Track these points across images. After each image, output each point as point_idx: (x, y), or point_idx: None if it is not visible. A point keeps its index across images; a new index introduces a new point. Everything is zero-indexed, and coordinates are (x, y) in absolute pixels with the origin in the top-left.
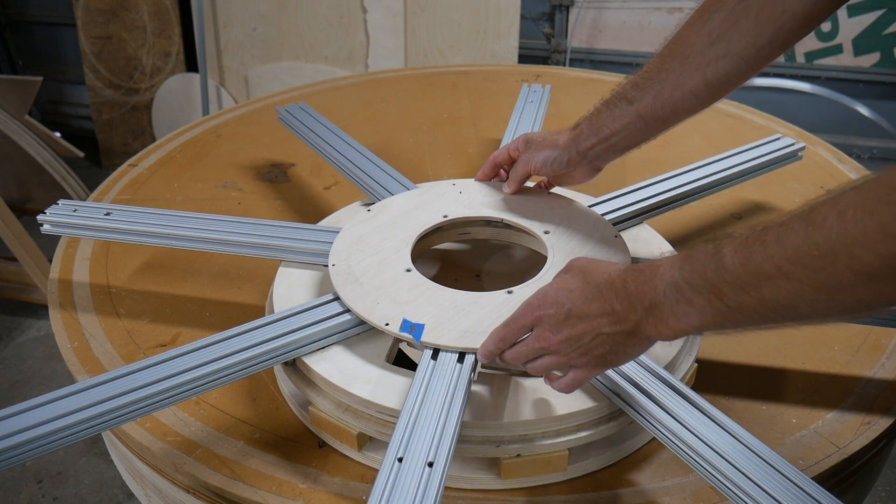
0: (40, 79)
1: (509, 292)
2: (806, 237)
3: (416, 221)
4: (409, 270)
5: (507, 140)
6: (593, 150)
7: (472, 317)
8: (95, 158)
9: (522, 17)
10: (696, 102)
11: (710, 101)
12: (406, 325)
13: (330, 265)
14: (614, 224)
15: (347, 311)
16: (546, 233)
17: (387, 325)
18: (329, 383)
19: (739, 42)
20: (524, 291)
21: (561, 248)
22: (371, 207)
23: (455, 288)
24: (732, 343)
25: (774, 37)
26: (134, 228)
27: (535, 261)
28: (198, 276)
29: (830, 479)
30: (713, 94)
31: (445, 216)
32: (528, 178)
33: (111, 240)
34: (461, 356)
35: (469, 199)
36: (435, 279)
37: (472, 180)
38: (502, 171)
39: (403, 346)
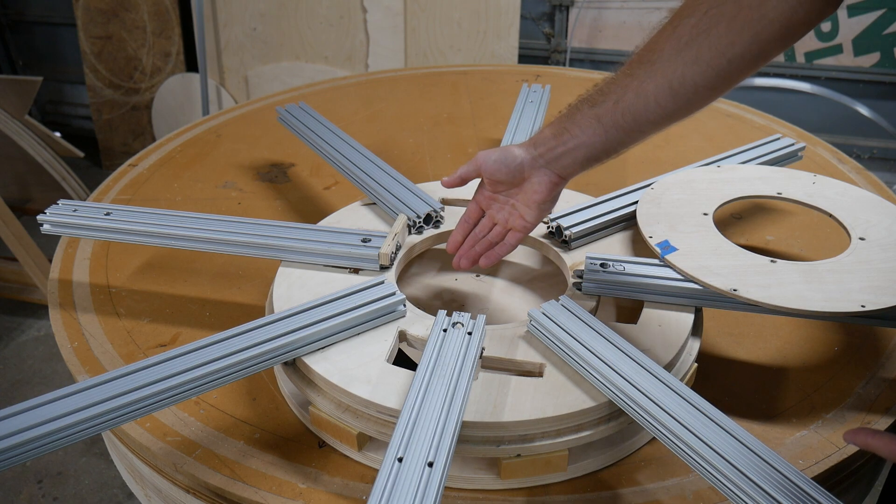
0: (40, 79)
1: (773, 261)
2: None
3: (731, 189)
4: (705, 215)
5: (506, 140)
6: (552, 152)
7: (722, 262)
8: (95, 158)
9: (522, 17)
10: (662, 114)
11: (678, 115)
12: (664, 242)
13: (652, 185)
14: (616, 223)
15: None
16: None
17: (650, 237)
18: (329, 383)
19: (710, 50)
20: (785, 262)
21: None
22: (718, 166)
23: (453, 288)
24: (732, 343)
25: (748, 48)
26: (134, 228)
27: (534, 261)
28: (198, 276)
29: (830, 479)
30: (680, 105)
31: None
32: (475, 176)
33: (111, 240)
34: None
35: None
36: (435, 278)
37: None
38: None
39: (403, 347)
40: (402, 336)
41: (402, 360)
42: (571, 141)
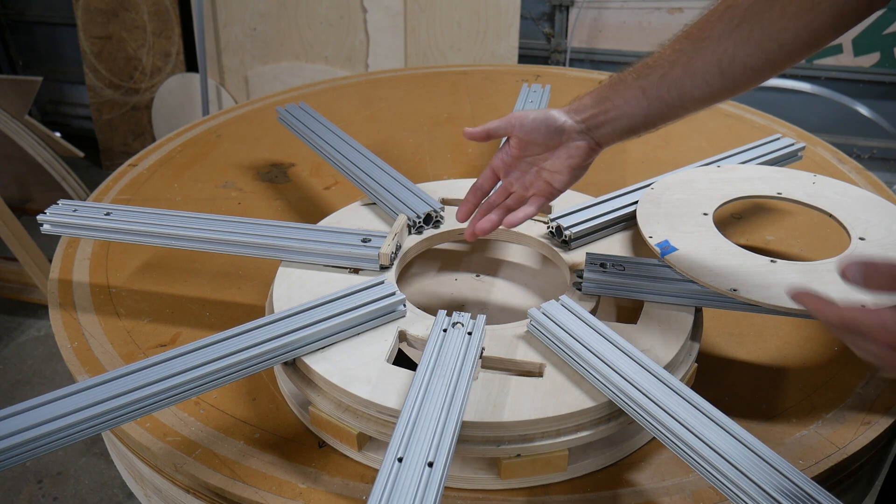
0: (40, 79)
1: (773, 261)
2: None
3: (731, 189)
4: (705, 215)
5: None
6: (593, 119)
7: (722, 262)
8: (95, 158)
9: (522, 17)
10: (708, 91)
11: (724, 95)
12: (664, 242)
13: (652, 184)
14: (616, 223)
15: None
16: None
17: (650, 237)
18: (329, 383)
19: (762, 33)
20: (785, 262)
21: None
22: (718, 166)
23: (453, 288)
24: (732, 343)
25: (798, 34)
26: (134, 228)
27: (534, 261)
28: (198, 276)
29: (830, 479)
30: (727, 85)
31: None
32: (503, 135)
33: (111, 240)
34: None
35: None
36: (435, 278)
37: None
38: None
39: (403, 347)
40: (402, 336)
41: (402, 360)
42: (614, 111)
